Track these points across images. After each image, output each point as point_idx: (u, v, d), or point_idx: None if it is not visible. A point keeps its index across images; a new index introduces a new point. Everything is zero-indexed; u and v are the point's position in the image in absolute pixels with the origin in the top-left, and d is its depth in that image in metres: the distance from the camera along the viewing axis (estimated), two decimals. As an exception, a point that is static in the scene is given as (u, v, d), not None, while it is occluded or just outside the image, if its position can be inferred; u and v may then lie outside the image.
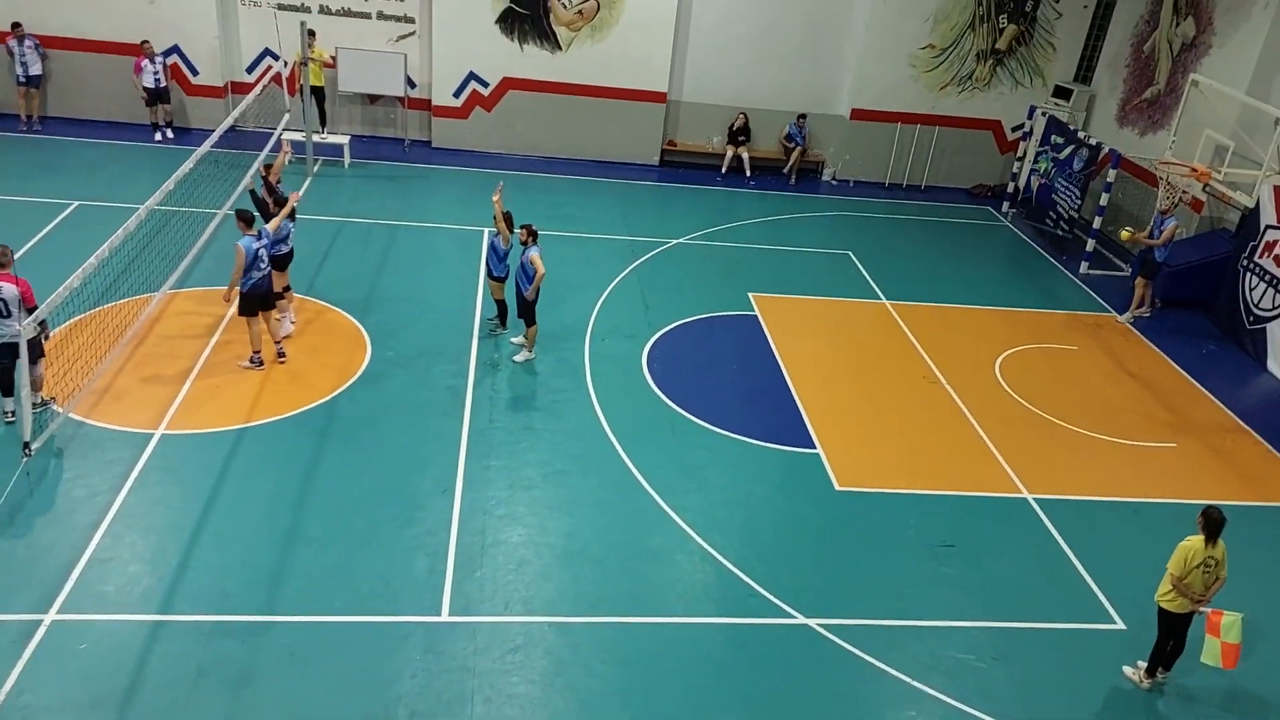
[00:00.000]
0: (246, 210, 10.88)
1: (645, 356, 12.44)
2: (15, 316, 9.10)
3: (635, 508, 9.65)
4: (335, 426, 10.32)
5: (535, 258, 11.36)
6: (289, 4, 17.77)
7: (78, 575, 8.00)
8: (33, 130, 17.24)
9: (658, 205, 17.87)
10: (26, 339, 8.62)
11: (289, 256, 11.78)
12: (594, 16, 18.34)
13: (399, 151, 18.68)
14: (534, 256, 11.36)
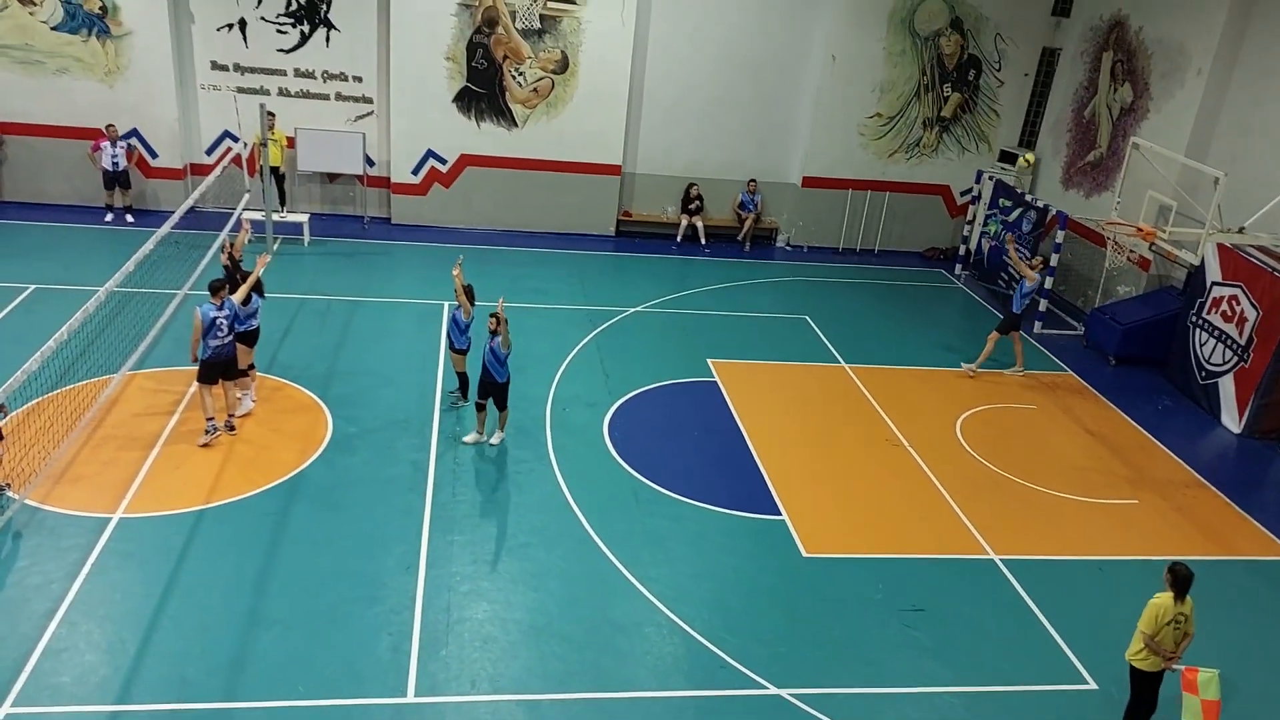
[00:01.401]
0: (219, 280, 11.02)
1: (606, 425, 12.49)
2: None
3: (601, 580, 9.60)
4: (297, 504, 10.21)
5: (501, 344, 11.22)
6: (248, 87, 17.99)
7: (32, 667, 7.77)
8: (-13, 215, 17.19)
9: (615, 274, 18.10)
10: None
11: (256, 333, 11.77)
12: (549, 94, 18.76)
13: (358, 229, 18.81)
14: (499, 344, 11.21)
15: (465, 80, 18.42)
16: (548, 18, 18.20)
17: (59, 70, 17.24)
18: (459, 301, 11.82)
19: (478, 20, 18.03)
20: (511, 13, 18.06)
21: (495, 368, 11.17)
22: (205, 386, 11.04)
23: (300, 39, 17.93)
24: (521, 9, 18.04)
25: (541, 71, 18.58)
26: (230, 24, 17.64)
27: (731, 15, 18.86)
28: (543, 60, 18.51)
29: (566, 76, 18.65)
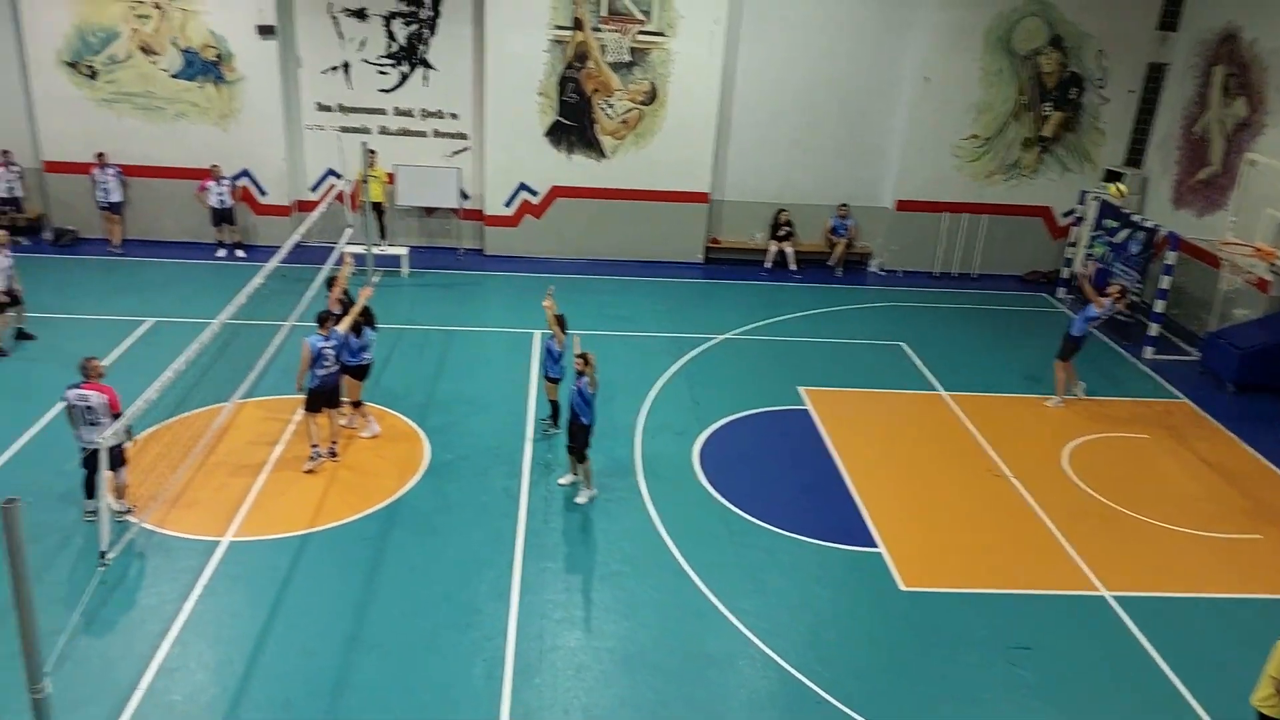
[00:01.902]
0: (326, 311, 11.52)
1: (696, 454, 12.44)
2: (102, 424, 9.53)
3: (693, 610, 9.53)
4: (396, 529, 10.45)
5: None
6: (351, 126, 18.69)
7: (147, 685, 8.12)
8: (116, 253, 18.16)
9: (703, 301, 18.10)
10: (108, 446, 9.02)
11: (368, 368, 12.18)
12: (637, 124, 18.97)
13: (454, 260, 19.27)
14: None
15: (556, 114, 18.77)
16: (637, 50, 18.44)
17: (177, 115, 18.21)
18: (552, 331, 11.98)
19: (569, 56, 18.40)
20: (602, 47, 18.37)
21: (581, 408, 10.98)
22: (311, 415, 11.42)
23: (400, 79, 18.57)
24: (611, 43, 18.34)
25: (630, 103, 18.81)
26: (335, 66, 18.39)
27: (820, 40, 18.79)
28: (632, 92, 18.75)
29: (655, 107, 18.84)
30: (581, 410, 10.97)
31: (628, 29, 18.27)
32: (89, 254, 18.12)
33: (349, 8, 18.01)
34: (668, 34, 18.35)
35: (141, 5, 17.48)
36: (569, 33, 18.22)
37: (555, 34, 18.20)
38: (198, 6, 17.55)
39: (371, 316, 12.13)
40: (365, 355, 12.05)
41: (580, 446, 11.14)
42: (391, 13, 18.09)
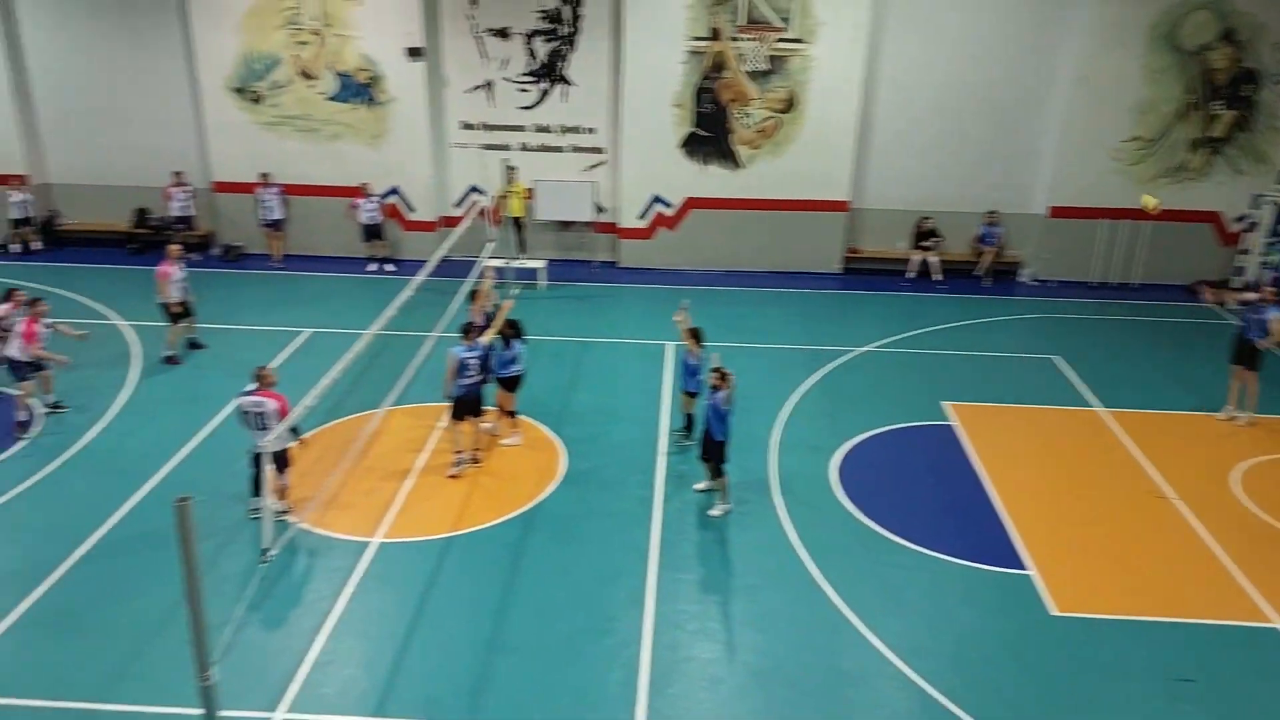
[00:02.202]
0: (469, 323, 11.92)
1: (834, 468, 12.21)
2: (271, 429, 10.17)
3: (829, 626, 9.35)
4: (534, 535, 10.67)
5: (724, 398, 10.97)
6: (493, 143, 19.29)
7: (303, 677, 8.54)
8: (277, 268, 19.30)
9: (841, 313, 17.78)
10: (274, 450, 9.64)
11: (518, 379, 12.46)
12: (774, 133, 18.84)
13: (589, 273, 19.58)
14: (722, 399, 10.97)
15: (692, 125, 18.84)
16: (776, 58, 18.33)
17: (333, 136, 19.22)
18: (687, 344, 12.00)
19: (706, 66, 18.45)
20: (739, 56, 18.35)
21: (715, 424, 10.89)
22: (455, 423, 11.80)
23: (540, 96, 19.05)
24: (749, 52, 18.29)
25: (768, 111, 18.70)
26: (478, 85, 19.03)
27: (967, 42, 18.23)
28: (769, 100, 18.64)
29: (793, 115, 18.67)
30: (716, 427, 10.90)
31: (766, 37, 18.19)
32: (253, 268, 19.31)
33: (493, 28, 18.61)
34: (807, 40, 18.16)
35: (301, 32, 18.56)
36: (706, 43, 18.28)
37: (692, 45, 18.30)
38: (352, 31, 18.49)
39: (520, 329, 12.42)
40: (515, 367, 12.33)
41: (715, 462, 11.10)
42: (533, 31, 18.60)
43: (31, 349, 12.32)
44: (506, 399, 12.46)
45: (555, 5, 18.42)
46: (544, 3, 18.41)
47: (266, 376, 10.51)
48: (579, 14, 18.47)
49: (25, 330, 12.32)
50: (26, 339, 12.30)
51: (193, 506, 6.54)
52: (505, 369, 12.24)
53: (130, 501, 11.10)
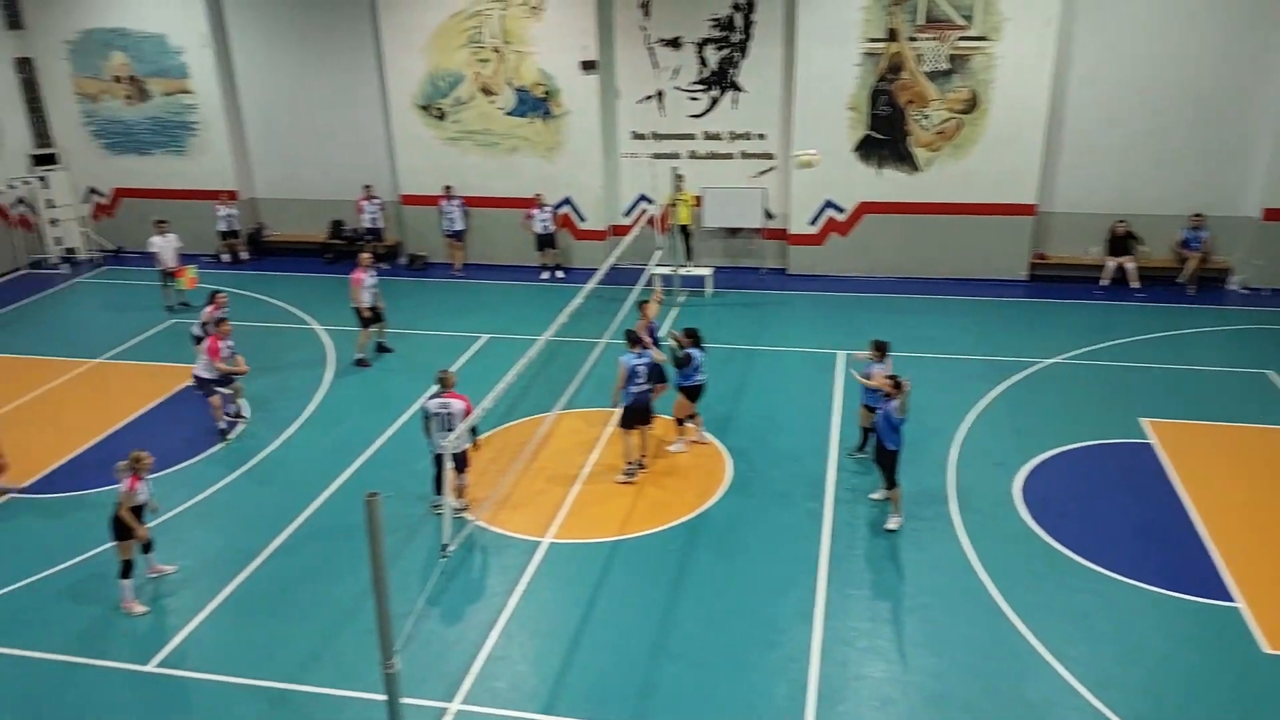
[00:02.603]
0: (633, 331, 12.14)
1: (1017, 486, 11.61)
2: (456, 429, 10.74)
3: (1010, 652, 8.88)
4: (699, 542, 10.66)
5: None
6: (663, 152, 19.49)
7: (477, 670, 8.86)
8: (458, 276, 20.19)
9: (1026, 322, 16.88)
10: (454, 451, 10.17)
11: (699, 388, 12.37)
12: (955, 135, 18.14)
13: (756, 280, 19.44)
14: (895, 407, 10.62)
15: (867, 128, 18.41)
16: (957, 57, 17.67)
17: (510, 149, 19.93)
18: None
19: (882, 68, 18.00)
20: (918, 56, 17.79)
21: (887, 433, 10.57)
22: (624, 431, 11.94)
23: (710, 104, 19.10)
24: (928, 51, 17.71)
25: (948, 113, 18.04)
26: (649, 96, 19.27)
27: (1169, 35, 16.97)
28: (949, 101, 17.97)
29: (975, 115, 17.92)
30: (887, 436, 10.58)
31: (947, 36, 17.56)
32: (435, 277, 20.26)
33: (664, 38, 18.81)
34: (991, 38, 17.41)
35: (482, 50, 19.34)
36: (882, 44, 17.83)
37: (868, 47, 17.89)
38: (530, 48, 19.12)
39: (699, 338, 12.34)
40: (696, 376, 12.24)
41: (887, 473, 10.77)
42: (704, 39, 18.67)
43: (216, 365, 13.15)
44: (684, 406, 12.46)
45: (728, 13, 18.43)
46: (716, 11, 18.45)
47: (449, 379, 11.02)
48: (751, 20, 18.40)
49: (210, 348, 13.18)
50: (211, 355, 13.15)
51: (381, 502, 6.92)
52: (686, 379, 12.23)
53: (322, 496, 11.84)
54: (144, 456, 9.89)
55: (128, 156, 21.85)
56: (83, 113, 21.72)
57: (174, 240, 18.25)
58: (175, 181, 21.70)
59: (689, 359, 12.18)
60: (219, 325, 13.49)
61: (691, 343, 12.20)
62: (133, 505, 9.76)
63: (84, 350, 16.55)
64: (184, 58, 20.74)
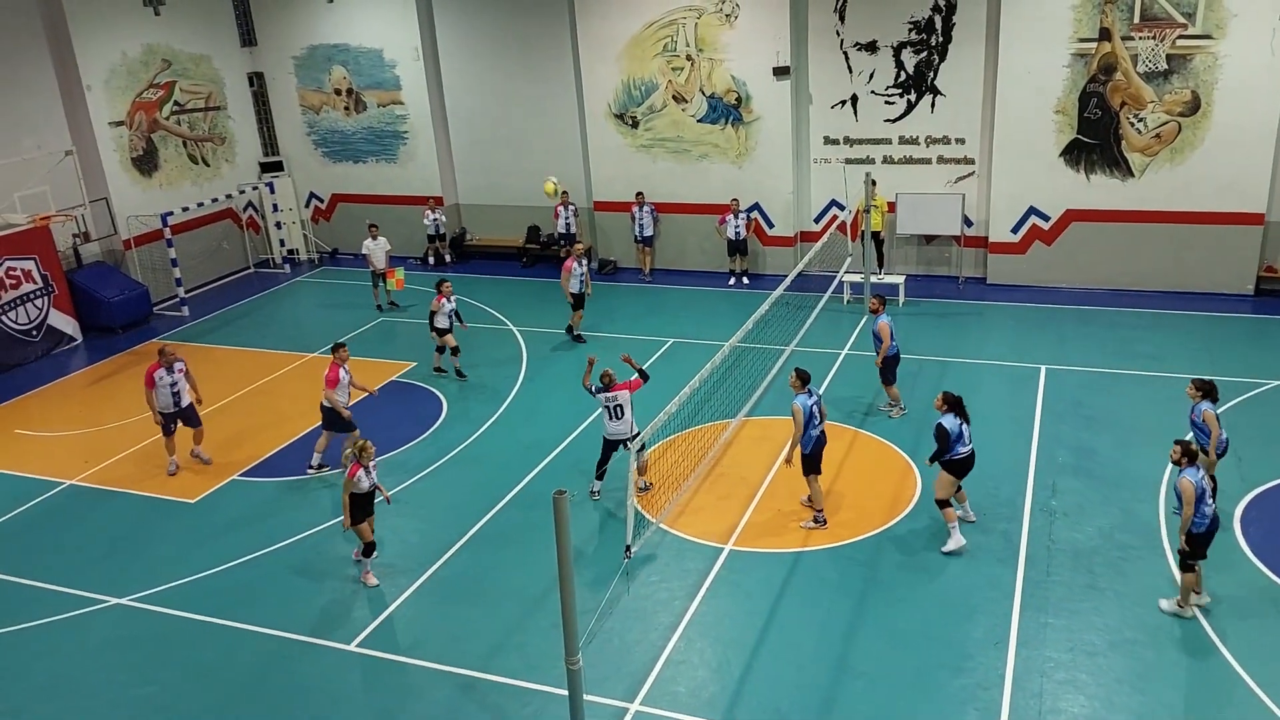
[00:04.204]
0: (804, 370, 11.01)
1: (1237, 517, 10.70)
2: (626, 419, 11.40)
3: (1226, 697, 8.20)
4: (884, 560, 10.41)
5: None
6: (855, 157, 19.14)
7: (657, 672, 8.99)
8: (646, 281, 20.58)
9: (1253, 340, 15.49)
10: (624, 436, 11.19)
11: (962, 462, 10.41)
12: (1174, 139, 16.89)
13: (952, 289, 18.76)
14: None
15: (1075, 132, 17.42)
16: (1175, 57, 16.44)
17: (701, 156, 20.12)
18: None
19: (1093, 69, 16.98)
20: (1133, 56, 16.68)
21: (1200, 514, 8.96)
22: (811, 477, 10.94)
23: (906, 108, 18.60)
24: (1145, 51, 16.57)
25: (1166, 115, 16.81)
26: (843, 101, 18.98)
27: None
28: (1167, 103, 16.75)
29: (1196, 118, 16.63)
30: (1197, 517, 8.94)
31: (1165, 34, 16.39)
32: (625, 281, 20.72)
33: (860, 42, 18.48)
34: (1215, 36, 16.11)
35: (676, 58, 19.63)
36: (1094, 44, 16.83)
37: (1078, 47, 16.94)
38: (722, 55, 19.23)
39: (958, 404, 10.45)
40: (959, 448, 10.35)
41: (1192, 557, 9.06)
42: (901, 43, 18.21)
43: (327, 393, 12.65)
44: (946, 485, 10.43)
45: (927, 14, 17.90)
46: (914, 14, 17.96)
47: (610, 376, 11.53)
48: (951, 22, 17.79)
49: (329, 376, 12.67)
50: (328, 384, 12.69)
51: (568, 500, 7.16)
52: (953, 449, 10.32)
53: (514, 490, 12.35)
54: (367, 445, 10.43)
55: (344, 164, 23.58)
56: (306, 123, 23.60)
57: (384, 243, 19.50)
58: (386, 188, 23.23)
59: (943, 434, 10.22)
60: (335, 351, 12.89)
61: (948, 409, 10.48)
62: (355, 492, 10.28)
63: (302, 345, 17.98)
64: (397, 70, 22.17)
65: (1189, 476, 8.84)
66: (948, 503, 10.48)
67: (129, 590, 10.81)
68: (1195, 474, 8.88)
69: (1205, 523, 8.92)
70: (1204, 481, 8.94)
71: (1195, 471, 8.90)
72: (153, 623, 10.26)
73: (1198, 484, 8.84)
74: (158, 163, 21.25)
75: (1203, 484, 8.90)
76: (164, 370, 13.00)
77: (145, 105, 20.86)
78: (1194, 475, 8.86)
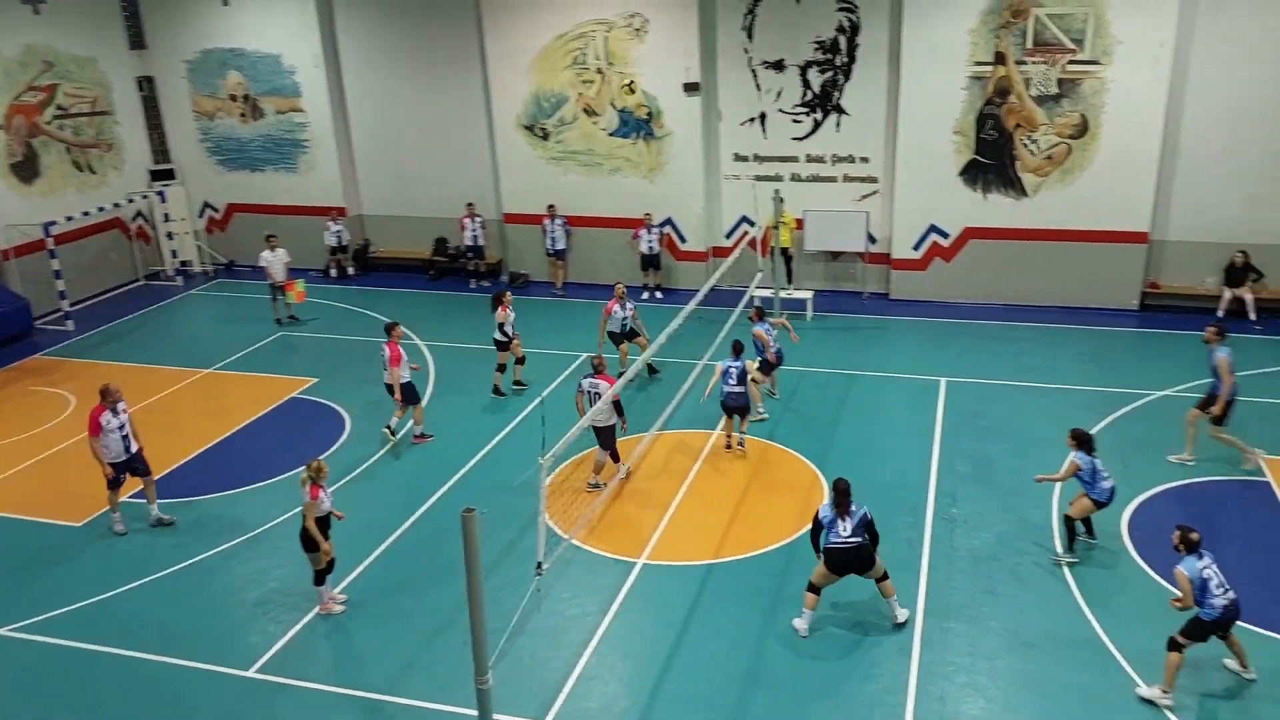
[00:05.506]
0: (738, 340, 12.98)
1: (1124, 523, 11.16)
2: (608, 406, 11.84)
3: (1119, 703, 8.52)
4: (794, 570, 10.52)
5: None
6: (764, 174, 19.44)
7: (569, 689, 8.91)
8: (558, 295, 20.45)
9: (1137, 353, 16.26)
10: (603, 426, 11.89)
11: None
12: (1064, 160, 17.64)
13: (857, 304, 19.19)
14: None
15: (973, 152, 18.04)
16: (1066, 81, 17.20)
17: (613, 170, 20.15)
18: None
19: (989, 91, 17.63)
20: (1026, 80, 17.38)
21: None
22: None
23: (813, 126, 18.99)
24: (1037, 75, 17.28)
25: (1057, 137, 17.56)
26: (752, 118, 19.27)
27: (1296, 56, 16.24)
28: (1058, 126, 17.50)
29: (1085, 140, 17.41)
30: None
31: (1056, 59, 17.13)
32: (537, 295, 20.56)
33: (768, 60, 18.80)
34: (1103, 61, 16.91)
35: (586, 71, 19.65)
36: (990, 68, 17.49)
37: (975, 70, 17.56)
38: (633, 69, 19.34)
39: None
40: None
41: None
42: (808, 62, 18.60)
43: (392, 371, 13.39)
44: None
45: (832, 35, 18.33)
46: (820, 34, 18.37)
47: (601, 364, 12.37)
48: (856, 43, 18.26)
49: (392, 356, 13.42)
50: (392, 363, 13.43)
51: (477, 518, 7.03)
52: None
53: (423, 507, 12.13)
54: (323, 466, 10.03)
55: (241, 173, 22.85)
56: (199, 130, 22.81)
57: (283, 255, 18.96)
58: (285, 198, 22.60)
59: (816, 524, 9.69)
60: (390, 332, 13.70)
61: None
62: (318, 515, 9.88)
63: (197, 360, 17.32)
64: (296, 77, 21.62)
65: (1184, 567, 8.34)
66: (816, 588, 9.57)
67: (9, 619, 10.21)
68: (1194, 563, 8.30)
69: (1214, 614, 8.32)
70: (1206, 571, 8.30)
71: (1195, 560, 8.32)
72: (36, 653, 9.71)
73: (1194, 575, 8.27)
74: (39, 169, 20.25)
75: (1204, 574, 8.28)
76: (109, 413, 11.48)
77: (25, 109, 19.89)
78: (1191, 566, 8.30)
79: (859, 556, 9.34)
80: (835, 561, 9.38)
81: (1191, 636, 8.37)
